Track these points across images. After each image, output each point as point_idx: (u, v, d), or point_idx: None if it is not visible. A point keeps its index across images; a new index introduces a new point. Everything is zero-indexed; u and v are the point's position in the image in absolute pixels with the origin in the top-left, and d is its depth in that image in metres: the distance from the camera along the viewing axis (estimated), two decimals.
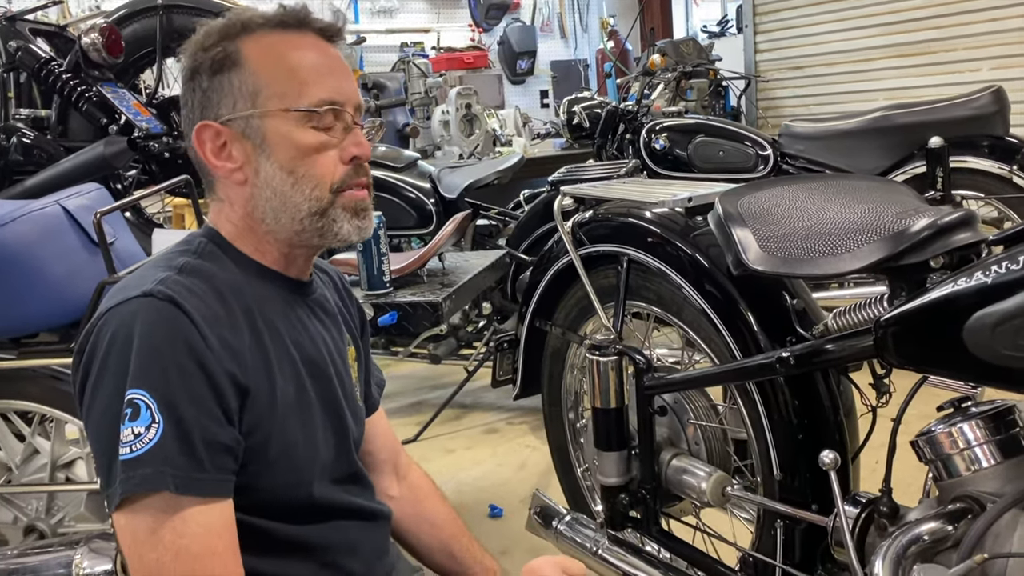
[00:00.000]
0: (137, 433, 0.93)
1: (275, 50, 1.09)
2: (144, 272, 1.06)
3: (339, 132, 1.10)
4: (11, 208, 1.79)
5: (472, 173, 3.63)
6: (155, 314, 0.97)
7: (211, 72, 1.08)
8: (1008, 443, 1.15)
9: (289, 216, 1.09)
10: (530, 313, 2.06)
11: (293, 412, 1.08)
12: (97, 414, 0.98)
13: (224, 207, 1.13)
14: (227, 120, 1.08)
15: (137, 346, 0.96)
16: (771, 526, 1.55)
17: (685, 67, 4.61)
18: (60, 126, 3.22)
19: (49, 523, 1.95)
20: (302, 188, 1.08)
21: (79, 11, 5.13)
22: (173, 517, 0.94)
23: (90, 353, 1.00)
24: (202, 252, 1.10)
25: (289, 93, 1.07)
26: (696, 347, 1.69)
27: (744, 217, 1.37)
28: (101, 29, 3.15)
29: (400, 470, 1.42)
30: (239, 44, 1.08)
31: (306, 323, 1.16)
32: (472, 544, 1.41)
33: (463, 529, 1.42)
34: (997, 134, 3.29)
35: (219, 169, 1.10)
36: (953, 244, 1.19)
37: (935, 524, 1.14)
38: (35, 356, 1.83)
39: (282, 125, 1.07)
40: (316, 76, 1.08)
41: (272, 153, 1.07)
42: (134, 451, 0.93)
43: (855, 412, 1.52)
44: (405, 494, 1.40)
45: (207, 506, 0.96)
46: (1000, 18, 4.61)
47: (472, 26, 7.30)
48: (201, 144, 1.09)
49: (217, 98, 1.08)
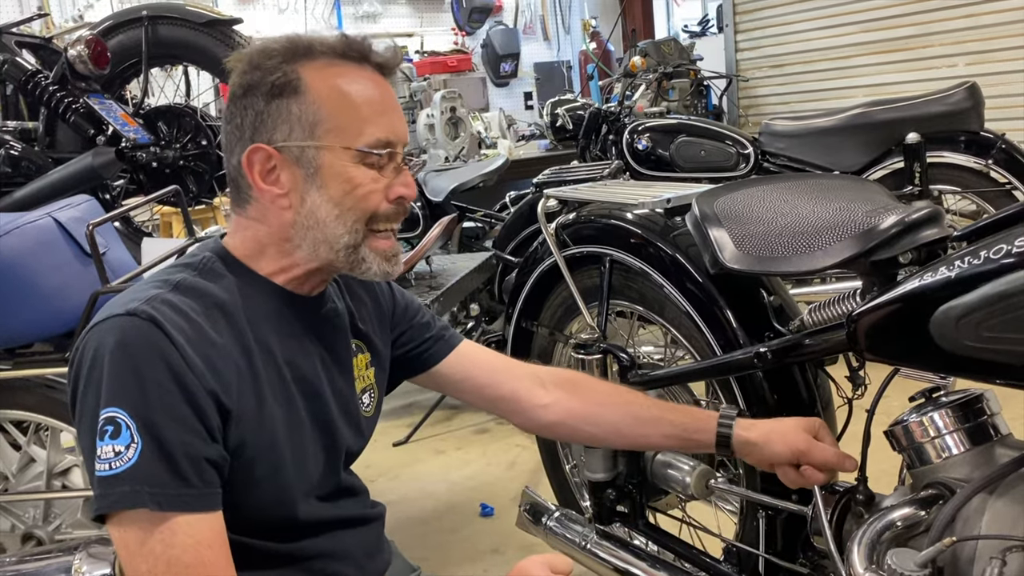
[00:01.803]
0: (117, 451, 0.94)
1: (337, 82, 1.08)
2: (137, 288, 1.06)
3: (390, 171, 1.10)
4: (3, 221, 1.82)
5: (458, 176, 3.67)
6: (135, 333, 0.98)
7: (269, 95, 1.07)
8: (976, 431, 1.19)
9: (327, 246, 1.09)
10: (516, 314, 2.10)
11: (281, 433, 1.08)
12: (84, 428, 0.99)
13: (254, 226, 1.12)
14: (281, 146, 1.07)
15: (115, 364, 0.96)
16: (754, 517, 1.59)
17: (666, 67, 4.67)
18: (48, 138, 3.23)
19: (47, 530, 1.97)
20: (345, 221, 1.08)
21: (63, 23, 5.14)
22: (161, 530, 0.95)
23: (77, 368, 1.01)
24: (203, 269, 1.09)
25: (349, 130, 1.07)
26: (679, 344, 1.73)
27: (720, 217, 1.41)
28: (87, 41, 3.16)
29: (538, 378, 1.41)
30: (300, 70, 1.07)
31: (304, 342, 1.15)
32: (646, 400, 1.42)
33: (632, 392, 1.43)
34: (972, 129, 3.36)
35: (264, 193, 1.09)
36: (921, 240, 1.24)
37: (908, 510, 1.18)
38: (30, 366, 1.86)
39: (338, 160, 1.07)
40: (375, 114, 1.08)
41: (324, 185, 1.07)
42: (112, 468, 0.94)
43: (832, 404, 1.56)
44: (557, 396, 1.40)
45: (195, 518, 0.97)
46: (976, 14, 4.68)
47: (455, 30, 7.33)
48: (250, 165, 1.08)
49: (273, 123, 1.07)
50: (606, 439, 1.44)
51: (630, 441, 1.43)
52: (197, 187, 3.44)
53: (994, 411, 1.20)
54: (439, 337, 1.38)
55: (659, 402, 1.44)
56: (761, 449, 1.34)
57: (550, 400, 1.40)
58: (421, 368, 1.39)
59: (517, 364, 1.45)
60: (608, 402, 1.41)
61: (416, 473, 3.09)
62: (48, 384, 1.86)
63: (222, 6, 5.85)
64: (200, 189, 3.48)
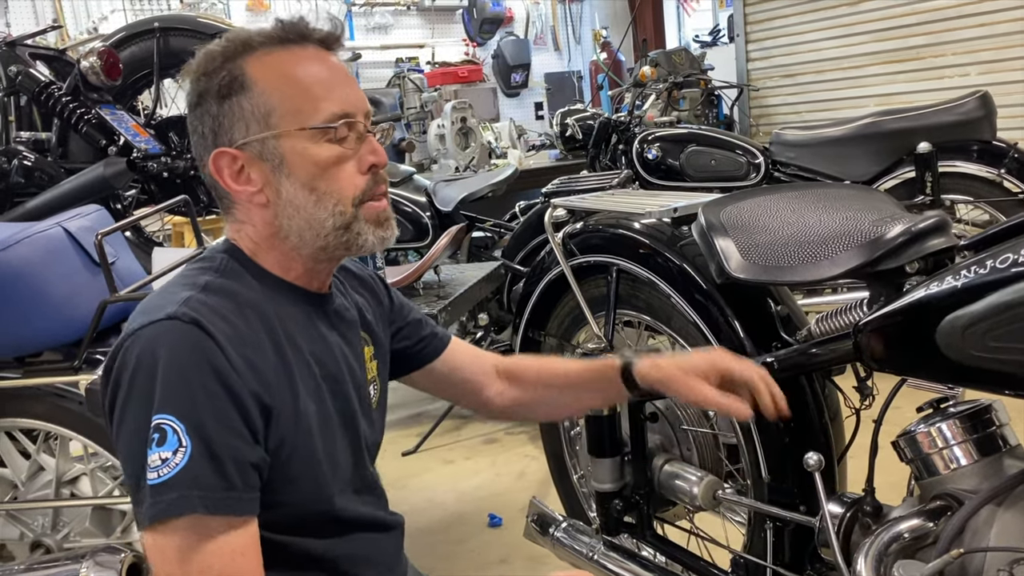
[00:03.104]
0: (164, 458, 0.93)
1: (281, 68, 1.08)
2: (166, 291, 1.06)
3: (353, 142, 1.09)
4: (14, 231, 1.83)
5: (467, 186, 3.67)
6: (180, 338, 0.97)
7: (219, 97, 1.07)
8: (985, 441, 1.18)
9: (314, 232, 1.09)
10: (524, 323, 2.09)
11: (315, 428, 1.09)
12: (126, 437, 0.98)
13: (245, 227, 1.12)
14: (242, 144, 1.07)
15: (163, 371, 0.96)
16: (761, 528, 1.58)
17: (677, 77, 4.67)
18: (60, 148, 3.27)
19: (55, 538, 1.98)
20: (325, 204, 1.08)
21: (77, 34, 5.19)
22: (201, 538, 0.94)
23: (117, 375, 1.00)
24: (224, 270, 1.09)
25: (302, 111, 1.07)
26: None
27: (726, 227, 1.41)
28: (99, 52, 3.19)
29: (495, 368, 1.46)
30: (243, 66, 1.07)
31: (326, 336, 1.16)
32: (562, 373, 1.44)
33: (549, 370, 1.45)
34: (985, 138, 3.33)
35: (240, 194, 1.10)
36: (927, 249, 1.23)
37: (916, 522, 1.17)
38: (39, 375, 1.86)
39: (298, 143, 1.07)
40: (325, 90, 1.08)
41: (292, 172, 1.07)
42: (161, 476, 0.93)
43: (840, 415, 1.55)
44: (502, 387, 1.45)
45: (234, 525, 0.97)
46: (988, 23, 4.66)
47: (466, 40, 7.36)
48: (219, 170, 1.09)
49: (229, 123, 1.08)
50: (546, 418, 1.53)
51: (564, 415, 1.50)
52: (207, 197, 3.46)
53: (1003, 422, 1.20)
54: (433, 335, 1.41)
55: (570, 370, 1.44)
56: (668, 367, 1.28)
57: (501, 388, 1.45)
58: (418, 365, 1.40)
59: (483, 355, 1.48)
60: (537, 386, 1.45)
61: (425, 483, 3.09)
62: (58, 393, 1.86)
63: (234, 18, 5.89)
64: (210, 199, 3.49)
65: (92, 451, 1.92)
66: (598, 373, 1.39)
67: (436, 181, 3.74)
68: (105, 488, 1.97)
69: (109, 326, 1.87)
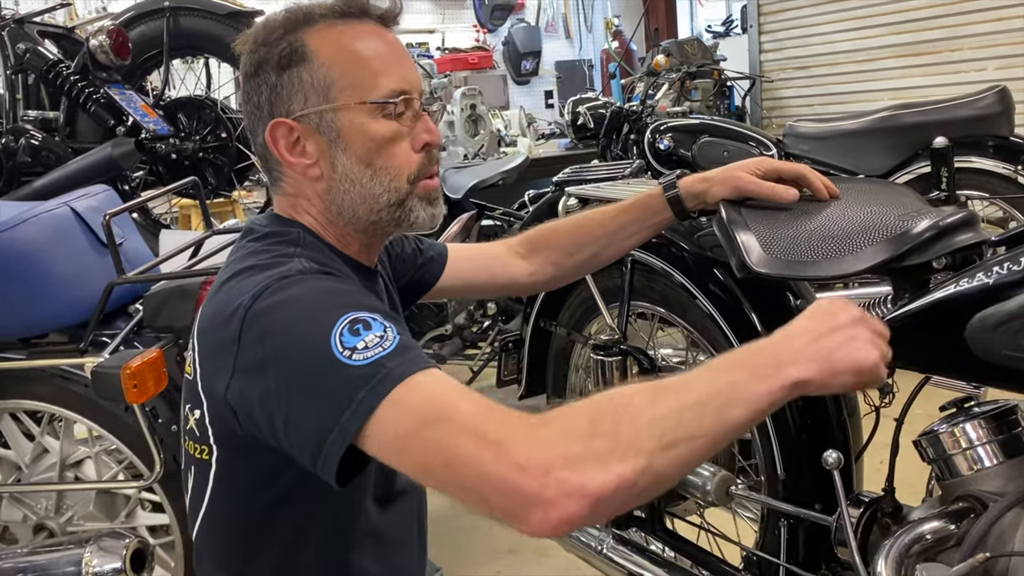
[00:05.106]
0: (380, 336, 0.89)
1: (342, 41, 1.08)
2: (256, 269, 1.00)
3: (410, 120, 1.10)
4: (21, 210, 1.81)
5: (477, 173, 3.64)
6: (315, 278, 0.98)
7: (279, 67, 1.07)
8: (1010, 443, 1.15)
9: (367, 207, 1.09)
10: (535, 313, 2.07)
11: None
12: (308, 370, 0.90)
13: (299, 202, 1.12)
14: (300, 116, 1.07)
15: (324, 291, 0.95)
16: (775, 525, 1.56)
17: (689, 67, 4.63)
18: (68, 128, 3.25)
19: (58, 522, 1.97)
20: (380, 179, 1.08)
21: (86, 13, 5.16)
22: (443, 385, 0.87)
23: (260, 335, 0.92)
24: (303, 243, 1.08)
25: (363, 85, 1.06)
26: (701, 347, 1.70)
27: (747, 220, 1.38)
28: (108, 31, 3.17)
29: (513, 251, 1.47)
30: (304, 37, 1.07)
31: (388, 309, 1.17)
32: (600, 216, 1.46)
33: (584, 217, 1.48)
34: (1002, 134, 3.29)
35: (295, 166, 1.09)
36: (955, 245, 1.19)
37: (938, 523, 1.14)
38: (44, 356, 1.85)
39: (356, 118, 1.07)
40: (385, 66, 1.08)
41: (348, 147, 1.07)
42: (386, 348, 0.88)
43: (859, 412, 1.53)
44: (537, 260, 1.46)
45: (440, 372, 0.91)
46: (1005, 17, 4.61)
47: (477, 27, 7.33)
48: (275, 141, 1.08)
49: (288, 94, 1.07)
50: (594, 266, 1.52)
51: (612, 255, 1.48)
52: (216, 179, 3.44)
53: None
54: (429, 258, 1.42)
55: (607, 219, 1.45)
56: (713, 174, 1.39)
57: (534, 267, 1.46)
58: (423, 290, 1.42)
59: (492, 248, 1.49)
60: (578, 239, 1.46)
61: None
62: (63, 375, 1.85)
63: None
64: (219, 181, 3.48)
65: (97, 434, 1.90)
66: (640, 208, 1.43)
67: (446, 168, 3.71)
68: (109, 472, 1.95)
69: (116, 308, 1.85)
